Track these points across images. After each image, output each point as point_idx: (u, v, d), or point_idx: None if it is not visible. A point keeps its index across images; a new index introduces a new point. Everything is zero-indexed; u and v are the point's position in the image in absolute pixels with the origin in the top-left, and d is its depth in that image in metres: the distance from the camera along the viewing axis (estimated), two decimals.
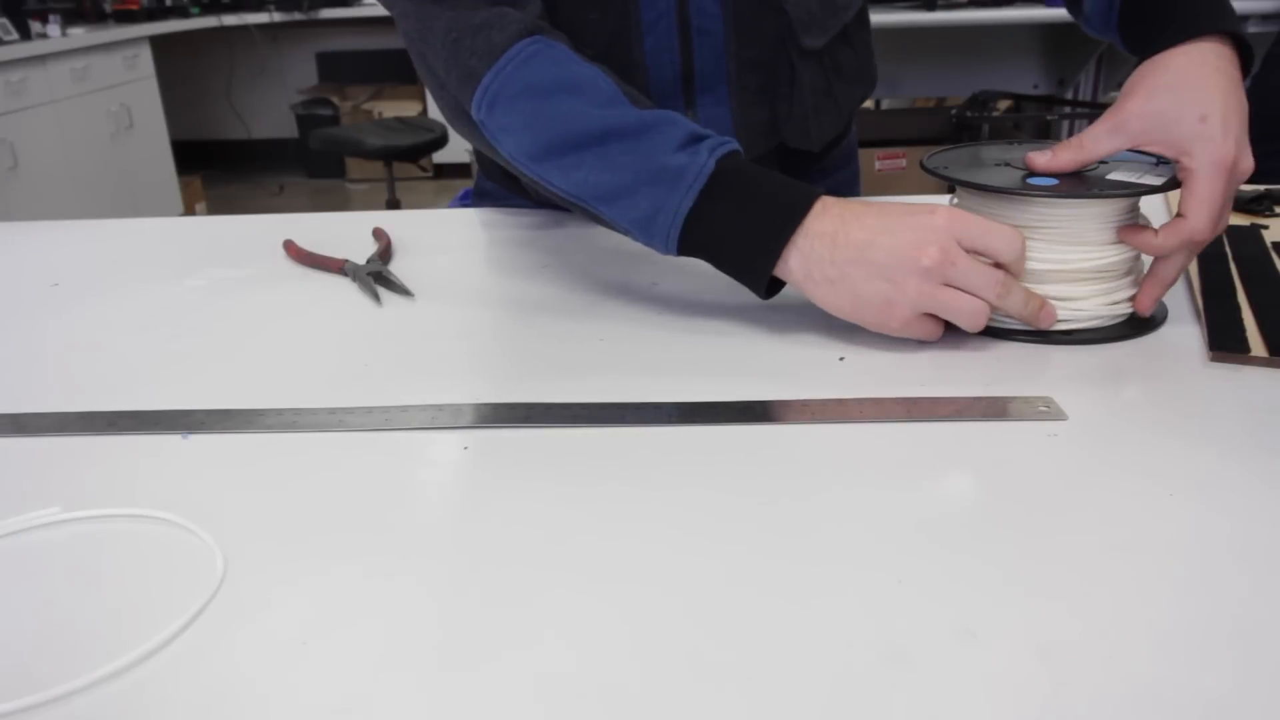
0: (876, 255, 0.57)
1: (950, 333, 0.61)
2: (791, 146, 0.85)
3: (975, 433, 0.50)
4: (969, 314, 0.57)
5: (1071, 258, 0.60)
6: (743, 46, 0.79)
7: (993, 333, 0.61)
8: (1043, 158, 0.61)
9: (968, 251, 0.57)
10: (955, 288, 0.57)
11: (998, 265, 0.58)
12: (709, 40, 0.78)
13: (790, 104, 0.83)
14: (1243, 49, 0.62)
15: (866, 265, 0.57)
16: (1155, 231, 0.59)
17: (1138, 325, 0.62)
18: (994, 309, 0.58)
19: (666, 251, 0.63)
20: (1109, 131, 0.60)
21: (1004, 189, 0.60)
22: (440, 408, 0.54)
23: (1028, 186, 0.59)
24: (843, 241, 0.58)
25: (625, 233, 0.66)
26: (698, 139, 0.63)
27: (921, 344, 0.60)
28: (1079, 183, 0.60)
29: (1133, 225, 0.60)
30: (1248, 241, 0.76)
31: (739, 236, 0.61)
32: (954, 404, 0.53)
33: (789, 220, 0.59)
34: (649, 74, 0.79)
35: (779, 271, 0.61)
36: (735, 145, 0.63)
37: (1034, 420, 0.51)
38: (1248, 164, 0.58)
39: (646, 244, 0.64)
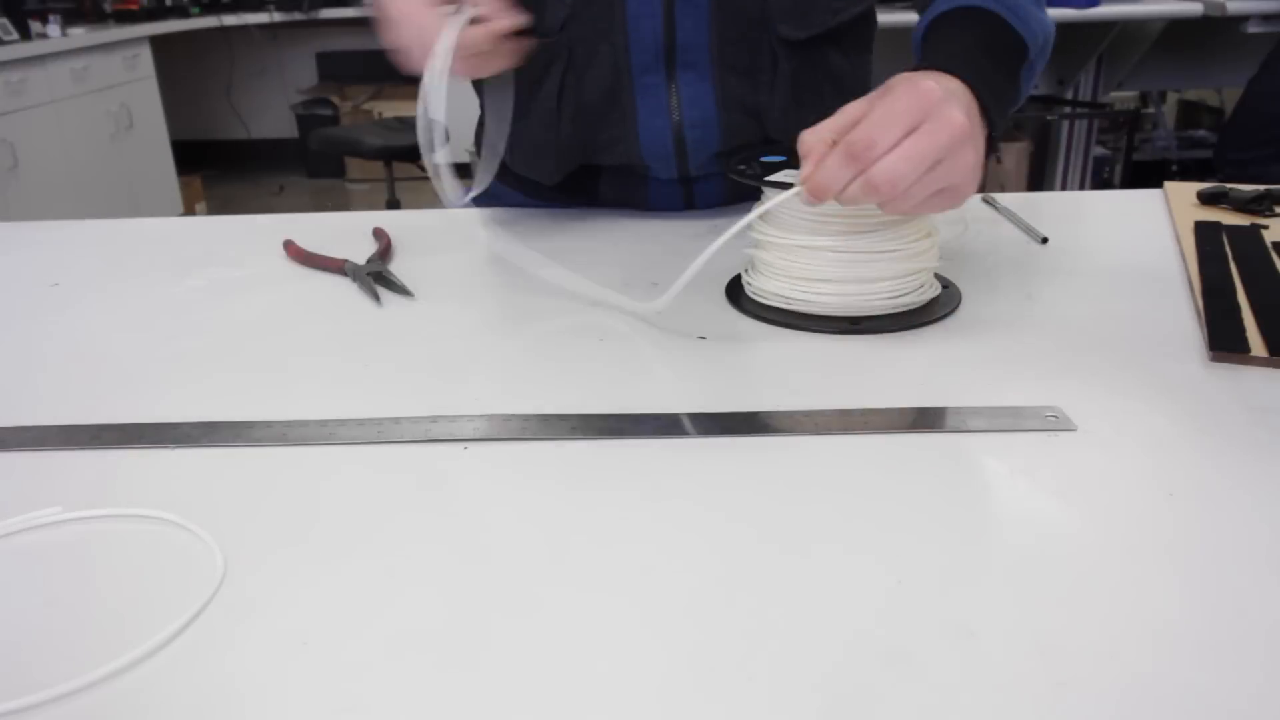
0: None
1: (952, 337, 0.60)
2: (773, 138, 0.85)
3: (976, 433, 0.50)
4: None
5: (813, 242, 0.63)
6: (725, 23, 0.78)
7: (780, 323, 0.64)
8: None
9: None
10: None
11: None
12: (693, 11, 0.77)
13: (772, 93, 0.82)
14: (990, 113, 0.59)
15: None
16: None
17: (922, 315, 0.64)
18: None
19: None
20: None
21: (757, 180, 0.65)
22: (435, 419, 0.53)
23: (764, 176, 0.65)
24: None
25: None
26: None
27: (920, 350, 0.60)
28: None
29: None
30: (1248, 241, 0.76)
31: None
32: (957, 413, 0.52)
33: None
34: (629, 40, 0.77)
35: None
36: None
37: (1040, 430, 0.51)
38: (876, 140, 0.53)
39: None
